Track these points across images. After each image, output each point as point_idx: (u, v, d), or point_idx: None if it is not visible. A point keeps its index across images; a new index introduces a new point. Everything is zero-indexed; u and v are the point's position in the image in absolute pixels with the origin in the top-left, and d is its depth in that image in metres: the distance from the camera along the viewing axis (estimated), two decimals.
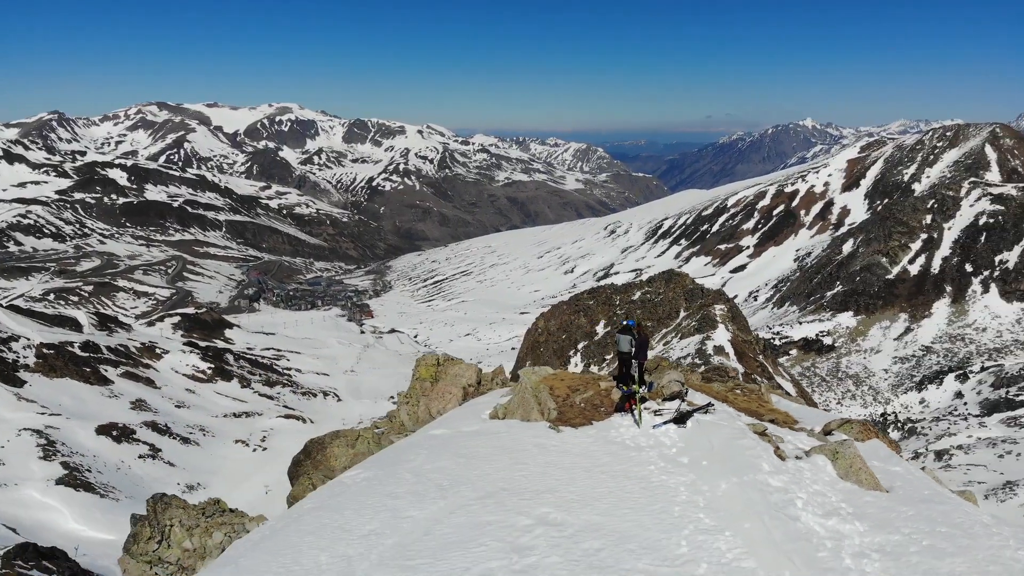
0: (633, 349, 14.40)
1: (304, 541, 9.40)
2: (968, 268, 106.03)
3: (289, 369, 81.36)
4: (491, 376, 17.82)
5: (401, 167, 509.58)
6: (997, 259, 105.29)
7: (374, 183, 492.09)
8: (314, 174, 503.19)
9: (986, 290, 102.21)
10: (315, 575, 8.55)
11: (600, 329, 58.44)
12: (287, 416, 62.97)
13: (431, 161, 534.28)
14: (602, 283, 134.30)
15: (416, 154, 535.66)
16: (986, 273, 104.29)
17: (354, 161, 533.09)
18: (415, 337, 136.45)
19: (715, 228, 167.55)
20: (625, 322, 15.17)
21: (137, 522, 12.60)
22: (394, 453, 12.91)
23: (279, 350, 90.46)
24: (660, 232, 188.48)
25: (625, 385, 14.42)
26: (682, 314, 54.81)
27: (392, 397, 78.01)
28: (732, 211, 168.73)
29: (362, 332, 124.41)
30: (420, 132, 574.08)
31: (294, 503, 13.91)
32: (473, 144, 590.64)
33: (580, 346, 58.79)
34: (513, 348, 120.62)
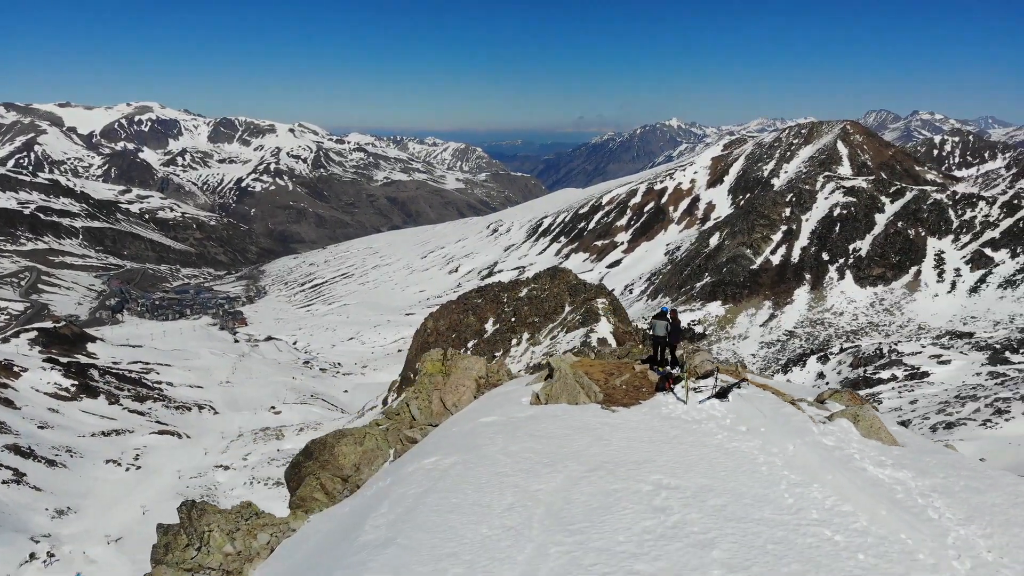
0: (668, 334, 15.62)
1: (448, 520, 9.59)
2: (825, 257, 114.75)
3: (160, 383, 77.03)
4: (496, 368, 18.28)
5: (272, 167, 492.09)
6: (851, 247, 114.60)
7: (243, 184, 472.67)
8: (178, 176, 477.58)
9: (842, 277, 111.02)
10: (492, 544, 8.88)
11: (489, 327, 59.09)
12: (161, 432, 59.69)
13: (305, 160, 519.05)
14: (487, 281, 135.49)
15: (288, 153, 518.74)
16: (841, 261, 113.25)
17: (221, 161, 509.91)
18: (294, 344, 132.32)
19: (591, 225, 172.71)
20: (660, 308, 16.57)
21: (168, 531, 12.51)
22: (460, 440, 13.07)
23: (148, 363, 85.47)
24: (541, 230, 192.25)
25: (660, 367, 15.61)
26: (567, 309, 56.37)
27: (273, 407, 75.53)
28: (607, 209, 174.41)
29: (236, 341, 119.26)
30: (292, 131, 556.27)
31: (302, 505, 13.87)
32: (349, 143, 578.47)
33: (470, 344, 59.17)
34: (400, 350, 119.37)
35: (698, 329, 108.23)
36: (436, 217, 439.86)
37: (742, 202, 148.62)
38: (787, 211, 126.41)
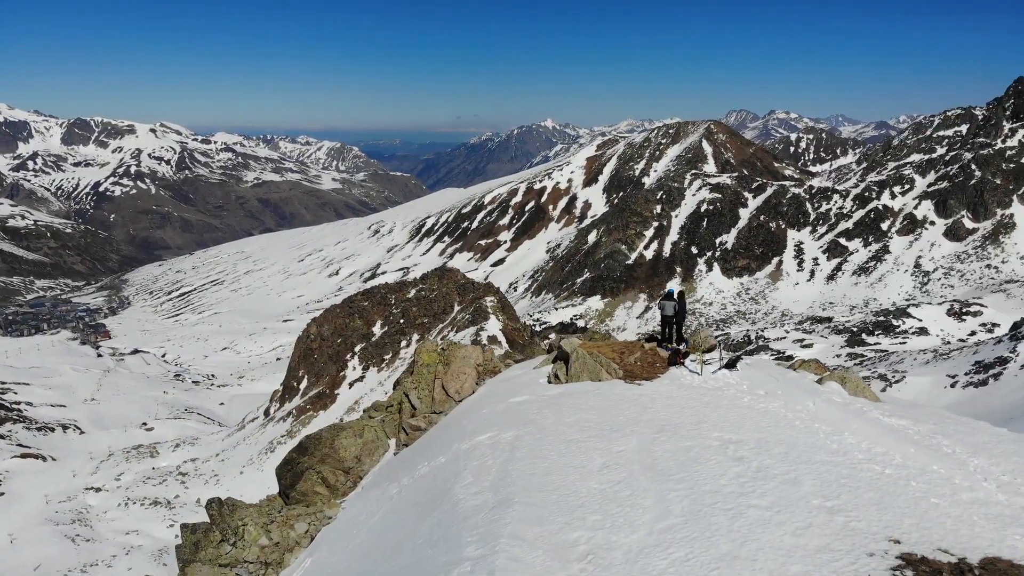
0: (675, 313, 16.84)
1: (552, 481, 10.04)
2: (694, 250, 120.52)
3: (18, 403, 70.66)
4: (490, 356, 18.56)
5: (133, 169, 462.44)
6: (718, 241, 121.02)
7: (102, 188, 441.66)
8: (29, 181, 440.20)
9: (710, 269, 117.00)
10: (612, 495, 9.47)
11: (377, 330, 57.97)
12: (23, 456, 54.80)
13: (168, 162, 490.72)
14: (370, 284, 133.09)
15: (150, 155, 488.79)
16: (709, 254, 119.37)
17: (77, 165, 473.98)
18: (163, 357, 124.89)
19: (475, 225, 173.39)
20: (668, 290, 17.63)
21: (194, 530, 12.52)
22: (504, 418, 13.48)
23: (3, 383, 78.25)
24: (424, 230, 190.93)
25: (669, 344, 16.85)
26: (456, 308, 56.19)
27: (144, 424, 71.14)
28: (489, 208, 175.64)
29: (100, 356, 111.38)
30: (153, 131, 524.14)
31: (303, 499, 14.06)
32: (215, 143, 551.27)
33: (357, 349, 57.86)
34: (279, 359, 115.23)
35: (580, 323, 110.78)
36: (312, 219, 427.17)
37: (616, 200, 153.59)
38: (658, 208, 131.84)
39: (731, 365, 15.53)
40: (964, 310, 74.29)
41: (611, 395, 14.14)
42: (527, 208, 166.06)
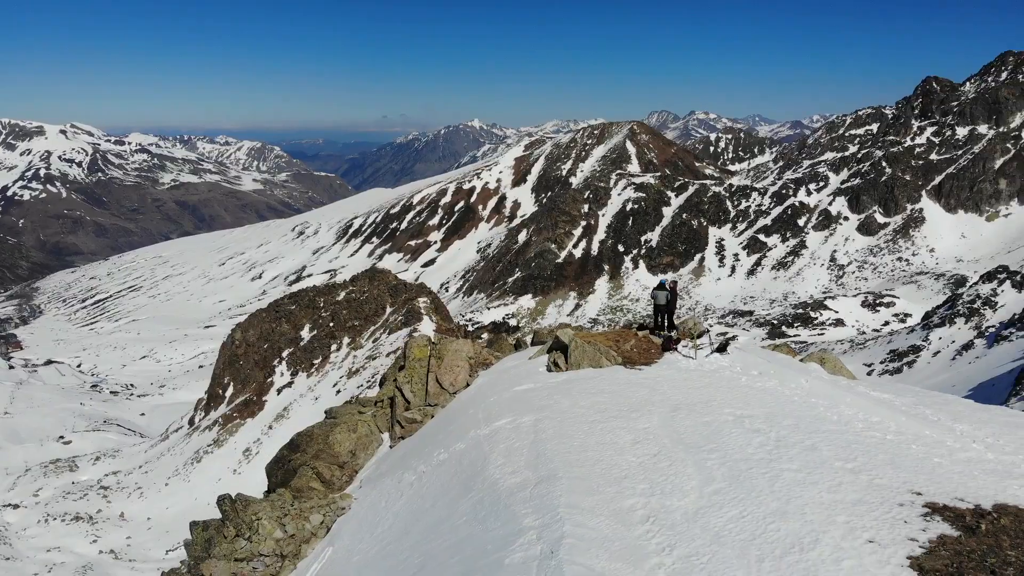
0: (667, 302, 17.58)
1: (588, 456, 10.47)
2: (621, 248, 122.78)
3: None
4: (480, 349, 18.80)
5: (43, 172, 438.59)
6: (643, 239, 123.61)
7: (9, 193, 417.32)
8: None
9: (636, 266, 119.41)
10: (652, 466, 9.91)
11: (306, 333, 56.79)
12: None
13: (80, 164, 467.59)
14: (296, 287, 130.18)
15: (61, 157, 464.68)
16: (635, 251, 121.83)
17: None
18: (79, 367, 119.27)
19: (404, 225, 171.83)
20: (660, 280, 18.39)
21: (206, 527, 12.65)
22: (516, 404, 13.77)
23: None
24: (351, 231, 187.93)
25: (661, 331, 17.53)
26: (388, 310, 55.57)
27: (61, 437, 67.84)
28: (418, 208, 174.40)
29: (11, 367, 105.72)
30: (63, 132, 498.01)
31: (299, 496, 14.16)
32: (130, 144, 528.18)
33: (285, 354, 56.54)
34: (201, 366, 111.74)
35: (512, 322, 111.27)
36: (233, 221, 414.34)
37: (545, 200, 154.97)
38: (585, 207, 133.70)
39: (722, 349, 16.30)
40: (878, 301, 77.99)
41: (617, 379, 14.63)
42: (457, 208, 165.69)
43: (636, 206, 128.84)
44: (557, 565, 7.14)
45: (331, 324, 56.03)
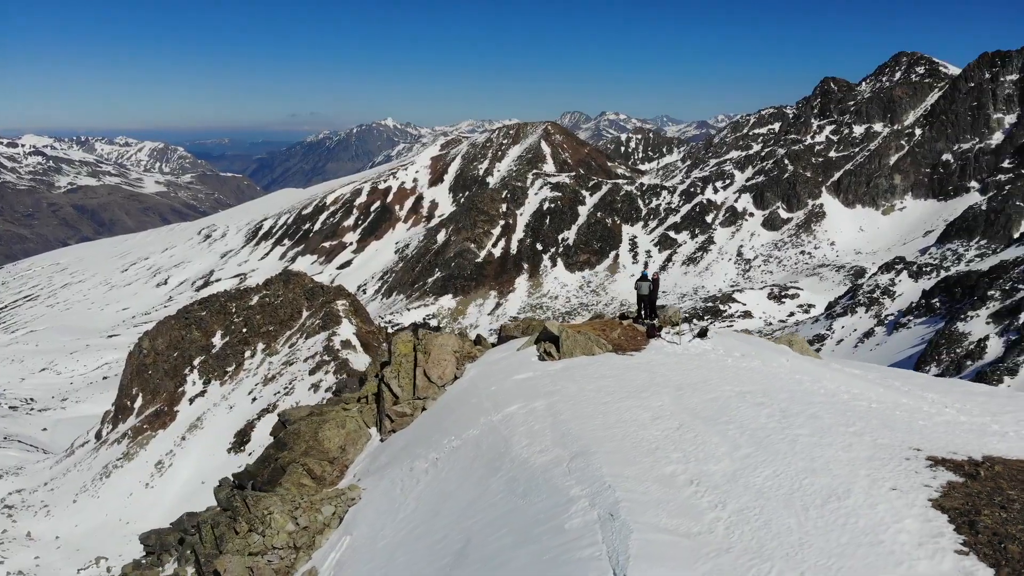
0: (650, 292, 18.43)
1: (614, 433, 10.93)
2: (539, 247, 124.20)
3: None
4: (464, 343, 19.16)
5: None
6: (560, 237, 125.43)
7: None
8: None
9: (554, 264, 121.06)
10: (678, 437, 10.40)
11: (218, 340, 54.93)
12: None
13: None
14: (205, 292, 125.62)
15: None
16: (553, 250, 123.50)
17: None
18: None
19: (317, 226, 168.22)
20: (643, 272, 19.34)
21: (217, 524, 12.81)
22: (521, 391, 14.09)
23: None
24: (262, 233, 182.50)
25: (645, 319, 18.38)
26: (305, 314, 54.42)
27: None
28: (332, 209, 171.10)
29: None
30: None
31: (288, 492, 14.34)
32: (23, 146, 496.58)
33: (196, 362, 54.54)
34: (106, 377, 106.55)
35: (433, 323, 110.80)
36: (136, 225, 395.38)
37: (463, 199, 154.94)
38: (504, 207, 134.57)
39: (702, 335, 17.35)
40: (783, 293, 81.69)
41: (614, 365, 15.12)
42: (373, 208, 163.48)
43: (553, 205, 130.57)
44: (623, 524, 7.56)
45: (244, 330, 54.41)
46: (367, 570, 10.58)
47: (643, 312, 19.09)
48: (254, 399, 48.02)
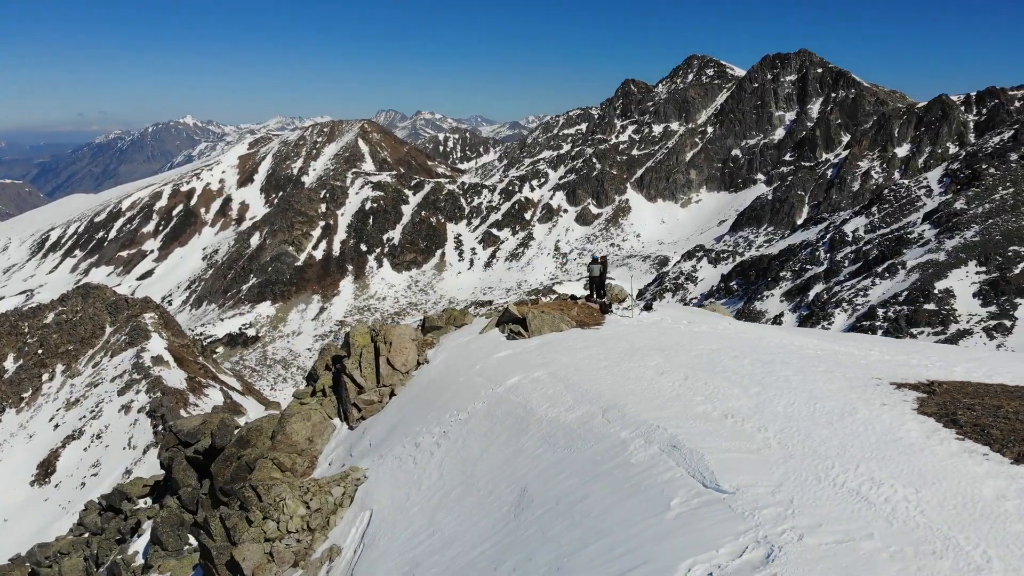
0: (601, 274, 20.17)
1: (632, 388, 11.50)
2: (363, 248, 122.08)
3: None
4: (415, 332, 19.42)
5: None
6: (385, 237, 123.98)
7: None
8: None
9: (380, 265, 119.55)
10: (699, 388, 10.99)
11: (10, 364, 48.81)
12: None
13: None
14: None
15: None
16: (378, 250, 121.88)
17: None
18: None
19: (112, 234, 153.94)
20: (593, 256, 21.25)
21: (228, 518, 13.11)
22: (513, 366, 14.33)
23: None
24: (49, 245, 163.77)
25: (596, 299, 20.25)
26: (109, 330, 49.68)
27: None
28: (128, 215, 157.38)
29: None
30: None
31: (263, 490, 14.13)
32: None
33: None
34: None
35: (251, 333, 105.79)
36: None
37: (277, 200, 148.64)
38: (323, 207, 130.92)
39: (648, 308, 19.40)
40: None
41: (587, 337, 15.69)
42: (175, 212, 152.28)
43: (375, 205, 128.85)
44: (692, 450, 8.26)
45: (40, 351, 48.73)
46: (409, 534, 10.63)
47: (594, 291, 20.90)
48: (56, 425, 43.35)
